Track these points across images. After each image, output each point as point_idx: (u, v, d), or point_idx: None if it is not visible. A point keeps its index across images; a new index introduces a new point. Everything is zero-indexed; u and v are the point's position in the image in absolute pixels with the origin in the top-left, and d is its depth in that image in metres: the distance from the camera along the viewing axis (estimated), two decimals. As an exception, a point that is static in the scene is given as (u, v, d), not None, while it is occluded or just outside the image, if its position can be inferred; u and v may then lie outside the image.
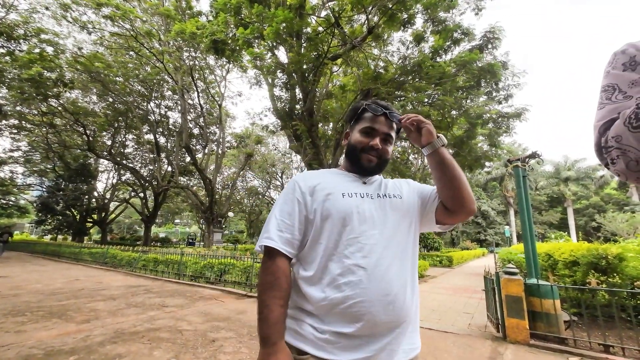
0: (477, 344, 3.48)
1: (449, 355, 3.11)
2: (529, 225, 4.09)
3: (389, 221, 0.85)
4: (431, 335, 3.82)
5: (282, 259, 0.81)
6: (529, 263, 3.95)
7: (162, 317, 4.31)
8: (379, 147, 0.91)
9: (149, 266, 9.51)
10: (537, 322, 3.49)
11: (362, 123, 0.95)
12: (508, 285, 3.57)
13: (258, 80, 12.30)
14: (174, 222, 53.32)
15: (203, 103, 18.29)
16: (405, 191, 0.96)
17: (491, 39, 9.18)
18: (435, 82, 9.38)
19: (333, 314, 0.75)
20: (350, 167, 0.97)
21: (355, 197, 0.86)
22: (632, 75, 0.56)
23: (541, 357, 3.07)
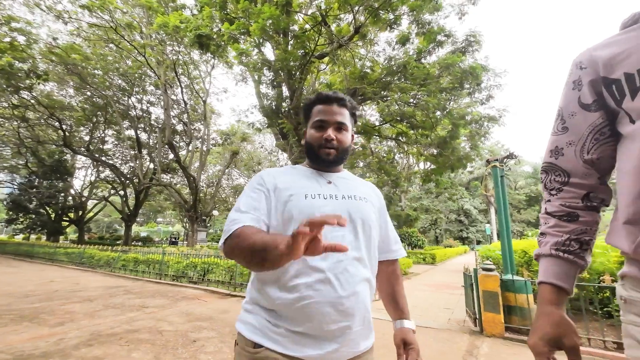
0: (456, 338, 3.60)
1: (429, 349, 3.20)
2: (506, 224, 4.25)
3: (351, 223, 0.84)
4: (412, 330, 3.91)
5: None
6: (505, 260, 4.11)
7: (142, 318, 4.20)
8: (333, 138, 0.90)
9: (128, 266, 9.24)
10: (512, 316, 3.65)
11: (313, 118, 0.94)
12: (485, 281, 3.70)
13: (244, 77, 12.14)
14: (156, 220, 51.93)
15: (187, 99, 17.87)
16: (372, 198, 0.97)
17: (472, 42, 9.46)
18: (420, 83, 9.56)
19: (287, 313, 0.76)
20: (313, 165, 0.96)
21: (318, 199, 0.84)
22: (576, 97, 0.64)
23: (515, 349, 3.21)
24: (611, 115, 0.60)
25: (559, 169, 0.68)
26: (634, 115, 0.55)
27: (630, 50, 0.55)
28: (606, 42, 0.61)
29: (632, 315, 0.55)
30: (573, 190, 0.66)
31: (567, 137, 0.66)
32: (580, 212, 0.65)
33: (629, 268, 0.58)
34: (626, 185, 0.56)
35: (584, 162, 0.64)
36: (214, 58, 12.55)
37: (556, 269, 0.65)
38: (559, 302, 0.63)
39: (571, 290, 0.63)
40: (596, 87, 0.61)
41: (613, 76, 0.57)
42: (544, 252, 0.68)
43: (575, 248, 0.64)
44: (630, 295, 0.57)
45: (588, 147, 0.63)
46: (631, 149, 0.55)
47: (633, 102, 0.54)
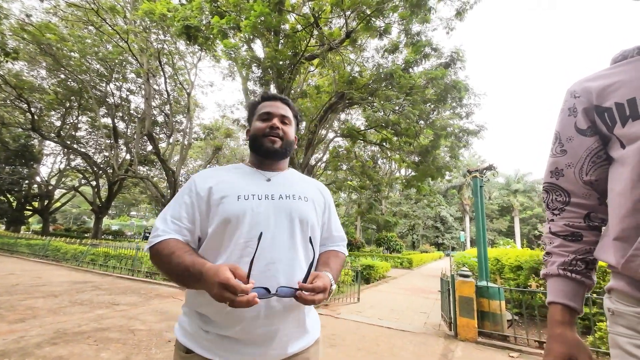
0: (431, 341, 3.70)
1: (405, 352, 3.27)
2: (483, 232, 4.44)
3: (284, 224, 0.83)
4: (390, 333, 3.98)
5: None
6: (480, 267, 4.28)
7: (111, 316, 4.00)
8: (278, 127, 0.91)
9: (98, 261, 8.78)
10: (485, 321, 3.80)
11: (258, 112, 0.95)
12: (462, 287, 3.84)
13: (232, 72, 11.93)
14: (129, 214, 49.70)
15: (170, 90, 17.27)
16: (315, 197, 0.95)
17: (456, 59, 9.85)
18: (405, 92, 9.81)
19: (216, 316, 0.76)
20: (256, 159, 0.95)
21: (251, 200, 0.82)
22: (573, 122, 0.69)
23: (487, 353, 3.35)
24: (605, 141, 0.66)
25: (560, 189, 0.72)
26: (625, 140, 0.60)
27: (620, 82, 0.61)
28: (598, 74, 0.67)
29: (619, 327, 0.59)
30: (575, 210, 0.70)
31: (566, 159, 0.70)
32: (584, 232, 0.68)
33: (616, 282, 0.61)
34: (617, 204, 0.60)
35: (584, 183, 0.68)
36: (201, 50, 12.22)
37: (566, 289, 0.67)
38: (571, 323, 0.64)
39: (581, 309, 0.66)
40: (589, 114, 0.66)
41: (605, 105, 0.62)
42: (552, 272, 0.69)
43: (582, 268, 0.67)
44: (617, 307, 0.60)
45: (586, 169, 0.68)
46: (621, 172, 0.60)
47: (624, 129, 0.59)
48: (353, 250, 18.02)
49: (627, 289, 0.59)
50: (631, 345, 0.56)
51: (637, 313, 0.56)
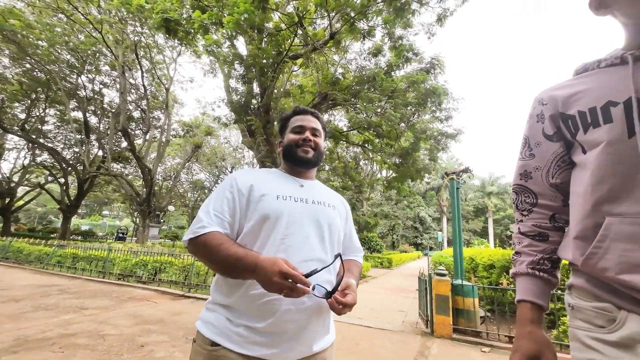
0: (409, 339, 3.79)
1: (384, 350, 3.33)
2: (459, 232, 4.60)
3: (315, 227, 0.89)
4: (370, 332, 4.04)
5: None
6: (456, 266, 4.44)
7: (80, 320, 3.79)
8: (311, 139, 0.99)
9: (65, 263, 8.28)
10: (459, 318, 3.95)
11: (291, 126, 1.03)
12: (438, 286, 3.96)
13: (213, 69, 11.66)
14: (101, 213, 47.30)
15: (147, 84, 16.61)
16: (340, 208, 1.04)
17: (436, 65, 10.17)
18: (387, 95, 9.99)
19: (248, 309, 0.79)
20: (289, 167, 1.03)
21: (288, 200, 0.89)
22: (540, 128, 0.74)
23: (461, 349, 3.48)
24: (568, 146, 0.70)
25: (529, 191, 0.76)
26: (586, 146, 0.64)
27: (582, 92, 0.65)
28: (563, 84, 0.72)
29: (578, 321, 0.63)
30: (541, 211, 0.74)
31: (535, 162, 0.75)
32: (550, 232, 0.72)
33: (576, 279, 0.65)
34: (578, 206, 0.65)
35: (550, 185, 0.73)
36: (182, 45, 11.84)
37: (534, 287, 0.70)
38: (539, 320, 0.68)
39: (548, 307, 0.70)
40: (555, 121, 0.70)
41: (569, 112, 0.67)
42: (521, 271, 0.72)
43: (549, 266, 0.71)
44: (576, 303, 0.64)
45: (552, 172, 0.72)
46: (582, 175, 0.64)
47: (585, 136, 0.63)
48: (334, 250, 18.07)
49: (586, 285, 0.62)
50: (588, 337, 0.60)
51: (594, 307, 0.60)
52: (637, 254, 0.54)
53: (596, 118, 0.61)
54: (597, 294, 0.60)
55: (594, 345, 0.58)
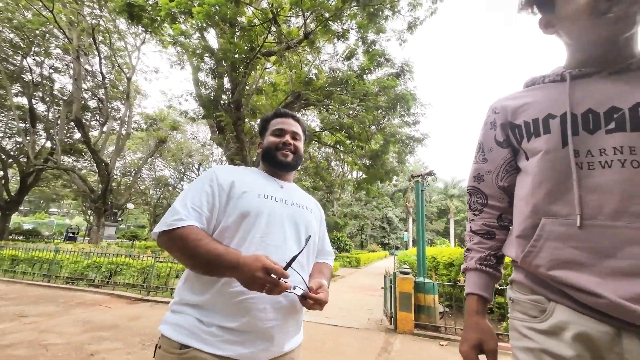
0: (373, 336, 3.90)
1: (349, 347, 3.40)
2: (422, 233, 4.83)
3: (293, 228, 0.91)
4: (337, 331, 4.09)
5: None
6: (419, 264, 4.65)
7: (19, 329, 3.41)
8: (291, 143, 1.01)
9: (2, 265, 7.40)
10: (421, 314, 4.14)
11: (271, 128, 1.04)
12: (402, 284, 4.13)
13: (181, 60, 11.11)
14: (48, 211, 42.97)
15: (106, 72, 15.40)
16: (315, 211, 1.06)
17: (406, 71, 10.60)
18: (359, 97, 10.21)
19: (223, 307, 0.77)
20: (269, 168, 1.03)
21: (270, 200, 0.90)
22: (493, 135, 0.80)
23: (421, 343, 3.65)
24: (515, 152, 0.77)
25: (480, 192, 0.82)
26: (529, 153, 0.71)
27: (528, 104, 0.72)
28: (513, 95, 0.79)
29: (517, 312, 0.70)
30: (490, 211, 0.81)
31: (487, 166, 0.81)
32: (497, 231, 0.79)
33: (516, 274, 0.72)
34: (519, 207, 0.72)
35: (499, 188, 0.79)
36: (146, 33, 11.11)
37: (480, 281, 0.76)
38: (483, 311, 0.75)
39: (491, 298, 0.77)
40: (505, 129, 0.77)
41: (517, 122, 0.73)
42: (470, 267, 0.79)
43: (494, 262, 0.78)
44: (516, 296, 0.71)
45: (501, 176, 0.79)
46: (525, 180, 0.71)
47: (528, 144, 0.70)
48: (304, 250, 18.07)
49: (524, 280, 0.69)
50: (524, 327, 0.66)
51: (530, 300, 0.67)
52: (565, 252, 0.61)
53: (538, 128, 0.68)
54: (533, 288, 0.67)
55: (528, 333, 0.65)
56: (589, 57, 0.67)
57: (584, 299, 0.58)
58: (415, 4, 9.27)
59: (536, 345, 0.62)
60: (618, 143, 0.59)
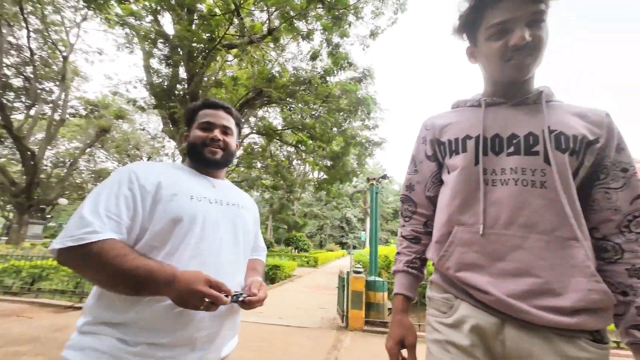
0: (325, 334, 3.96)
1: (299, 347, 3.40)
2: (375, 233, 5.04)
3: (230, 230, 0.87)
4: (287, 331, 4.07)
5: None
6: (371, 263, 4.84)
7: None
8: (220, 139, 0.92)
9: None
10: (371, 311, 4.32)
11: (198, 120, 0.94)
12: (354, 282, 4.26)
13: (130, 43, 10.15)
14: (-47, 205, 36.25)
15: (36, 48, 13.47)
16: (251, 209, 1.02)
17: (367, 76, 10.99)
18: (322, 99, 10.33)
19: (155, 323, 0.70)
20: (197, 165, 0.95)
21: (203, 202, 0.83)
22: (424, 149, 0.88)
23: (370, 339, 3.80)
24: (440, 166, 0.86)
25: (411, 201, 0.90)
26: (449, 169, 0.80)
27: (452, 124, 0.82)
28: (442, 114, 0.88)
29: (432, 309, 0.78)
30: (418, 218, 0.88)
31: (418, 177, 0.89)
32: (422, 236, 0.87)
33: (434, 276, 0.81)
34: (439, 216, 0.80)
35: (426, 197, 0.88)
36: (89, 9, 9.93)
37: (406, 282, 0.84)
38: (407, 309, 0.82)
39: (415, 297, 0.84)
40: (433, 145, 0.86)
41: (442, 139, 0.82)
42: (399, 269, 0.86)
43: (418, 265, 0.85)
44: (432, 294, 0.80)
45: (428, 186, 0.87)
46: (445, 192, 0.80)
47: (450, 160, 0.79)
48: (261, 250, 17.75)
49: (439, 281, 0.78)
50: (435, 322, 0.75)
51: (442, 298, 0.75)
52: (469, 256, 0.70)
53: (457, 147, 0.77)
54: (445, 287, 0.76)
55: (438, 327, 0.74)
56: (498, 90, 0.78)
57: (479, 296, 0.67)
58: (378, 12, 9.64)
59: (443, 337, 0.71)
60: (514, 164, 0.69)
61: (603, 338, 0.63)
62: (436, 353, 0.71)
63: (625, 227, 0.66)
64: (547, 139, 0.67)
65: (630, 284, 0.64)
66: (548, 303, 0.61)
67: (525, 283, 0.63)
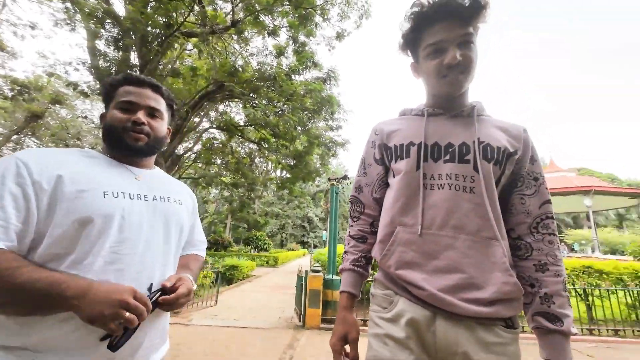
0: (281, 334, 3.93)
1: (253, 349, 3.34)
2: (334, 232, 5.13)
3: (159, 229, 0.76)
4: (243, 333, 3.97)
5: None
6: (329, 262, 4.92)
7: None
8: (144, 122, 0.78)
9: None
10: (328, 309, 4.38)
11: (118, 98, 0.79)
12: (312, 281, 4.29)
13: (71, 20, 9.08)
14: None
15: (-51, 14, 11.41)
16: (186, 201, 0.91)
17: (332, 77, 11.16)
18: (287, 97, 10.24)
19: (65, 343, 0.61)
20: (115, 153, 0.80)
21: (121, 198, 0.70)
22: (372, 153, 0.92)
23: (326, 337, 3.85)
24: (387, 170, 0.90)
25: (359, 202, 0.94)
26: (395, 172, 0.85)
27: (398, 131, 0.87)
28: (390, 121, 0.93)
29: (374, 305, 0.82)
30: (365, 219, 0.92)
31: (366, 179, 0.93)
32: (368, 236, 0.91)
33: (378, 273, 0.85)
34: (383, 217, 0.85)
35: (373, 199, 0.92)
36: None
37: (352, 280, 0.86)
38: (351, 306, 0.85)
39: (359, 294, 0.87)
40: (381, 149, 0.90)
41: (389, 144, 0.87)
42: (345, 267, 0.89)
43: (364, 263, 0.89)
44: (375, 291, 0.84)
45: (375, 189, 0.91)
46: (390, 194, 0.85)
47: (395, 164, 0.84)
48: (219, 250, 17.06)
49: (381, 278, 0.83)
50: (377, 317, 0.80)
51: (383, 294, 0.80)
52: (408, 254, 0.76)
53: (402, 152, 0.82)
54: (386, 284, 0.80)
55: (378, 322, 0.78)
56: (438, 102, 0.85)
57: (415, 292, 0.73)
58: (344, 15, 9.84)
59: (382, 331, 0.76)
60: (449, 171, 0.76)
61: (514, 324, 0.71)
62: (375, 346, 0.75)
63: (534, 229, 0.76)
64: (476, 150, 0.75)
65: (537, 277, 0.73)
66: (472, 295, 0.68)
67: (453, 278, 0.70)
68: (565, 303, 0.70)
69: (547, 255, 0.73)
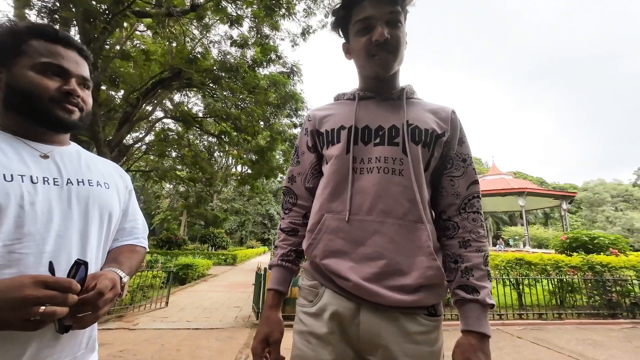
0: (237, 334, 3.81)
1: (208, 350, 3.19)
2: (295, 228, 5.10)
3: (76, 220, 0.62)
4: (196, 335, 3.78)
5: None
6: (289, 258, 4.89)
7: None
8: (80, 94, 0.66)
9: None
10: (287, 306, 4.33)
11: (38, 58, 0.62)
12: (271, 278, 4.22)
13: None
14: None
15: None
16: (117, 183, 0.77)
17: (296, 72, 11.08)
18: (249, 89, 9.91)
19: None
20: (23, 126, 0.64)
21: (21, 183, 0.57)
22: (305, 140, 0.88)
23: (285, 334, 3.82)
24: (320, 157, 0.87)
25: (292, 193, 0.89)
26: (327, 159, 0.82)
27: (330, 116, 0.84)
28: (323, 107, 0.90)
29: (301, 299, 0.78)
30: (298, 210, 0.88)
31: (299, 169, 0.89)
32: (300, 228, 0.86)
33: (305, 263, 0.82)
34: (314, 205, 0.81)
35: (306, 189, 0.88)
36: None
37: (279, 277, 0.81)
38: (277, 304, 0.79)
39: (287, 291, 0.82)
40: (313, 136, 0.87)
41: (321, 130, 0.84)
42: (274, 263, 0.84)
43: (293, 257, 0.84)
44: (302, 283, 0.80)
45: (308, 178, 0.88)
46: (322, 182, 0.82)
47: (327, 151, 0.81)
48: (173, 248, 16.02)
49: (308, 268, 0.79)
50: (301, 312, 0.76)
51: (309, 286, 0.77)
52: (335, 243, 0.72)
53: (333, 137, 0.80)
54: (313, 275, 0.77)
55: (302, 318, 0.75)
56: (369, 85, 0.83)
57: (340, 283, 0.70)
58: (310, 12, 9.78)
59: (305, 328, 0.72)
60: (379, 154, 0.74)
61: (437, 312, 0.71)
62: (298, 344, 0.73)
63: (462, 209, 0.76)
64: (405, 132, 0.74)
65: (459, 254, 0.73)
66: (396, 282, 0.67)
67: (378, 265, 0.68)
68: (484, 276, 0.70)
69: (471, 232, 0.74)
